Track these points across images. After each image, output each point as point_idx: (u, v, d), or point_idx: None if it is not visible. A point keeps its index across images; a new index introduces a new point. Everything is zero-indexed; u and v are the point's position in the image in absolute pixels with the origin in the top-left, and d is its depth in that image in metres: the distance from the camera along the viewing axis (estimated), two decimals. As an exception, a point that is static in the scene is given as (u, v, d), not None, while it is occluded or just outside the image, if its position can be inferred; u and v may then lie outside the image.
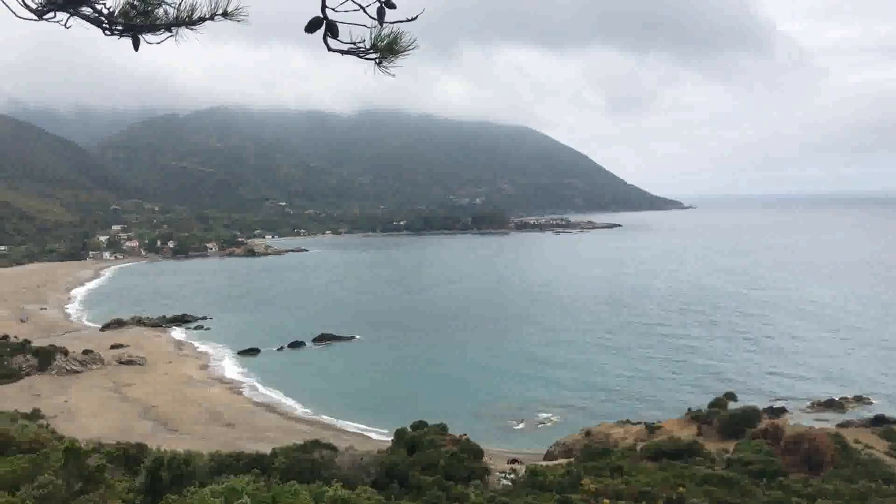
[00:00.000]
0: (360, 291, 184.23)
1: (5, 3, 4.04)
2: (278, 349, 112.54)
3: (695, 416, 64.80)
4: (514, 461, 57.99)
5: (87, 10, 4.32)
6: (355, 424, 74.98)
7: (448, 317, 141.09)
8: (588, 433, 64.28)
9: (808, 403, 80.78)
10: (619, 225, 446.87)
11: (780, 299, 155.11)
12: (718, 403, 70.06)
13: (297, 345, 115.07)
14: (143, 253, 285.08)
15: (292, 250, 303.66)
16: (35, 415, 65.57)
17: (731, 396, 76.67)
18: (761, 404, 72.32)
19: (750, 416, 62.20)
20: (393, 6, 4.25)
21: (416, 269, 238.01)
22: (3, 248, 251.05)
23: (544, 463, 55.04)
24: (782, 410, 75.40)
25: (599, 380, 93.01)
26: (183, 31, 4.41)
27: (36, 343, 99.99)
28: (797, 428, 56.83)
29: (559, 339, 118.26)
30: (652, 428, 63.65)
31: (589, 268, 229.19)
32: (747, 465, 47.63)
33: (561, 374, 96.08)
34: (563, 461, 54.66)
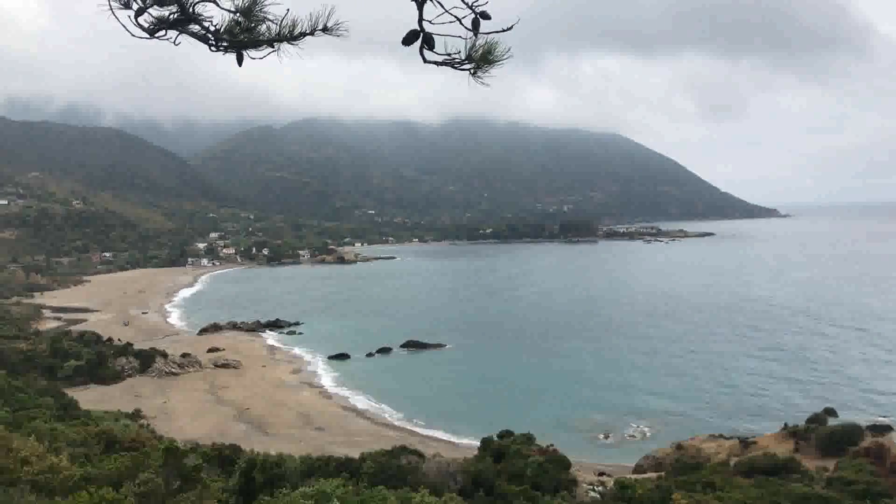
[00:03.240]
0: (447, 299, 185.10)
1: (121, 23, 4.27)
2: (367, 355, 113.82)
3: (792, 432, 62.38)
4: (602, 474, 57.08)
5: (195, 28, 4.51)
6: (442, 432, 75.10)
7: (535, 325, 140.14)
8: (679, 447, 62.70)
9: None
10: (712, 234, 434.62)
11: (872, 315, 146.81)
12: (817, 419, 67.40)
13: (385, 351, 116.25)
14: (239, 260, 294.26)
15: (380, 258, 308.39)
16: (136, 415, 68.52)
17: (830, 412, 73.61)
18: (862, 422, 68.88)
19: (852, 433, 59.42)
20: (488, 17, 4.28)
21: (503, 276, 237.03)
22: (108, 254, 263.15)
23: (633, 476, 53.95)
24: (887, 429, 71.52)
25: (689, 393, 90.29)
26: (284, 46, 4.55)
27: (138, 346, 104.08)
28: (904, 448, 54.06)
29: (647, 351, 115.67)
30: (746, 443, 61.71)
31: (676, 277, 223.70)
32: (849, 484, 45.45)
33: (649, 386, 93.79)
34: (652, 475, 53.51)
